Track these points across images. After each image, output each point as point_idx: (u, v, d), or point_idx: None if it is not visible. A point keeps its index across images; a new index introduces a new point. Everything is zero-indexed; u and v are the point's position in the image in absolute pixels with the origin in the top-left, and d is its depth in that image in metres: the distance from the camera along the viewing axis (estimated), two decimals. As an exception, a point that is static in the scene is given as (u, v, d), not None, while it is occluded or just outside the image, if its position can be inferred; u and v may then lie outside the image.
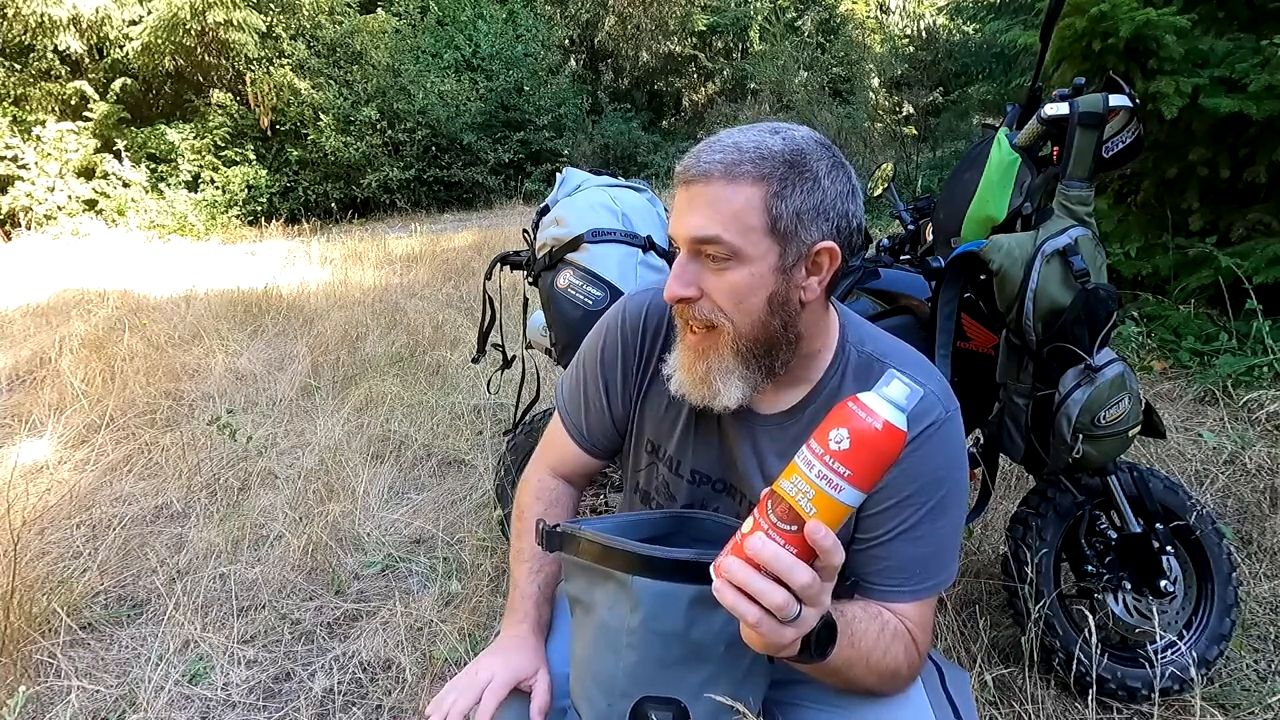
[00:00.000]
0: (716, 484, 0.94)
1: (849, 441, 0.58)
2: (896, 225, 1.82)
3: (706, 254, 0.78)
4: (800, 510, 0.60)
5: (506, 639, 0.92)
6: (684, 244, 0.79)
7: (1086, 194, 1.29)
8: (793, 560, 0.60)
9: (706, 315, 0.80)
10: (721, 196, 0.76)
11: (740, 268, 0.78)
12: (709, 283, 0.79)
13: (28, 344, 3.96)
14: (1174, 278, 3.20)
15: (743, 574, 0.61)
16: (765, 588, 0.60)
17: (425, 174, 12.07)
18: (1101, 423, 1.29)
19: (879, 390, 0.61)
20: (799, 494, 0.60)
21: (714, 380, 0.82)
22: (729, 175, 0.76)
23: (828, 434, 0.60)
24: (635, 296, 0.98)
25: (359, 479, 2.43)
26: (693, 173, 0.78)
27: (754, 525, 0.62)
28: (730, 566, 0.61)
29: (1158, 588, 1.42)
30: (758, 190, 0.76)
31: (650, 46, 16.26)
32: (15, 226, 9.44)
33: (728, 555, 0.63)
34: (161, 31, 9.85)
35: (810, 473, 0.59)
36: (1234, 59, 2.85)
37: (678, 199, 0.80)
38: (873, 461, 0.59)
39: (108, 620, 1.85)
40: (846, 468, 0.58)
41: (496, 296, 1.91)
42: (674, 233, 0.80)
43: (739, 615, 0.62)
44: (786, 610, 0.60)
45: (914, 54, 12.22)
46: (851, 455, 0.58)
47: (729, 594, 0.62)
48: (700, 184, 0.77)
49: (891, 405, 0.60)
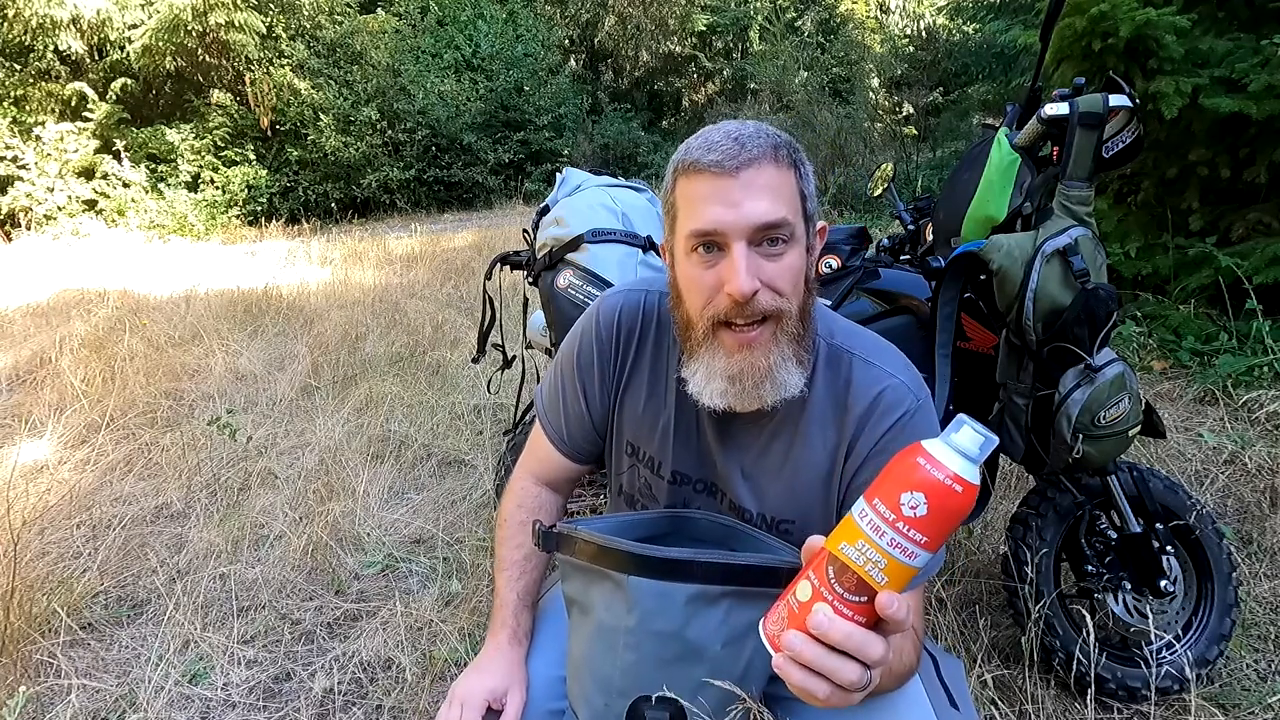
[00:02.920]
0: (697, 484, 0.94)
1: (926, 508, 0.52)
2: (896, 225, 1.82)
3: (769, 239, 0.77)
4: (872, 581, 0.54)
5: (483, 655, 0.93)
6: (743, 233, 0.76)
7: (1086, 194, 1.29)
8: (865, 636, 0.55)
9: (766, 305, 0.77)
10: (776, 179, 0.77)
11: (794, 249, 0.79)
12: (766, 270, 0.77)
13: (28, 344, 3.96)
14: (1174, 278, 3.20)
15: (811, 652, 0.56)
16: (838, 666, 0.56)
17: (425, 174, 12.08)
18: (1101, 423, 1.29)
19: (949, 440, 0.53)
20: (869, 564, 0.54)
21: (777, 373, 0.80)
22: (775, 159, 0.77)
23: (899, 496, 0.53)
24: (608, 298, 0.97)
25: (359, 479, 2.43)
26: (738, 160, 0.76)
27: (814, 594, 0.56)
28: (794, 644, 0.56)
29: (1158, 588, 1.42)
30: (793, 173, 0.79)
31: (650, 46, 16.27)
32: (15, 227, 9.44)
33: (787, 629, 0.57)
34: (163, 33, 9.86)
35: (882, 541, 0.53)
36: (1234, 59, 2.85)
37: (712, 190, 0.76)
38: (949, 525, 0.53)
39: (108, 620, 1.85)
40: (923, 534, 0.53)
41: (496, 296, 1.91)
42: (726, 223, 0.75)
43: (807, 693, 0.57)
44: (860, 683, 0.56)
45: (914, 54, 12.21)
46: (929, 521, 0.52)
47: (795, 673, 0.57)
48: (751, 170, 0.76)
49: (964, 458, 0.53)
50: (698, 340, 0.82)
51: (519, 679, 0.90)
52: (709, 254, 0.78)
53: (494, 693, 0.88)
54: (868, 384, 0.85)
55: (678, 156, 0.82)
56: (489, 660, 0.92)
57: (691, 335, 0.83)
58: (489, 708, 0.87)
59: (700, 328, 0.81)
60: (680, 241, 0.81)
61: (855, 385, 0.86)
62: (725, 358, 0.80)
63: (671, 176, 0.83)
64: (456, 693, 0.88)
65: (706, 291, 0.79)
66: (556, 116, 13.36)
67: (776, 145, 0.78)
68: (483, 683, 0.89)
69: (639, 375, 0.94)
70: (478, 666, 0.91)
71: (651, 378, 0.94)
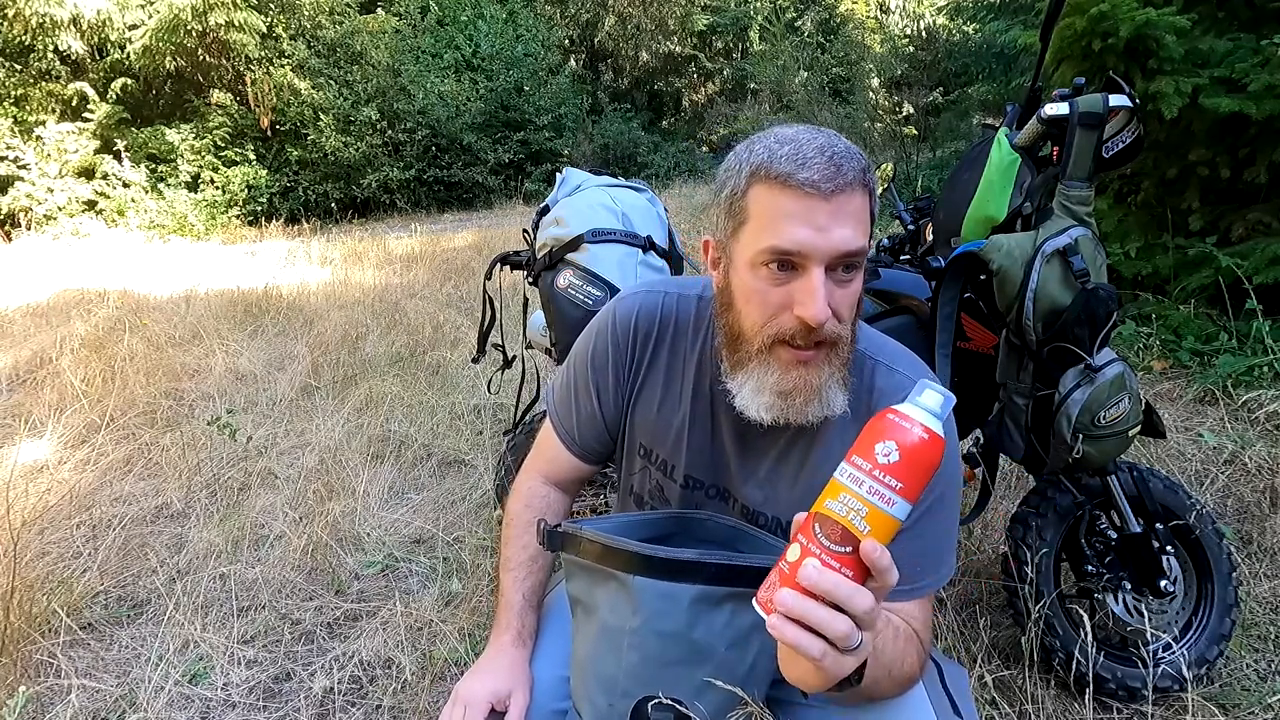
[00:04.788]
0: (710, 489, 0.94)
1: (898, 453, 0.57)
2: (896, 225, 1.82)
3: (845, 265, 0.75)
4: (854, 529, 0.57)
5: (487, 656, 0.93)
6: (824, 258, 0.73)
7: (1086, 194, 1.29)
8: (853, 586, 0.57)
9: (829, 332, 0.76)
10: (860, 207, 0.75)
11: (860, 275, 0.78)
12: (835, 296, 0.75)
13: (28, 344, 3.96)
14: (1174, 278, 3.20)
15: (801, 606, 0.57)
16: (827, 617, 0.57)
17: (425, 174, 12.08)
18: (1101, 423, 1.29)
19: (915, 400, 0.60)
20: (850, 512, 0.57)
21: (825, 393, 0.79)
22: (863, 185, 0.75)
23: (873, 447, 0.58)
24: (625, 299, 0.96)
25: (359, 479, 2.43)
26: (835, 184, 0.73)
27: (802, 551, 0.59)
28: (785, 600, 0.58)
29: (1158, 588, 1.42)
30: (869, 199, 0.77)
31: (650, 46, 16.27)
32: (15, 227, 9.45)
33: (778, 589, 0.59)
34: (163, 32, 9.86)
35: (860, 489, 0.57)
36: (1234, 59, 2.85)
37: (801, 209, 0.73)
38: (922, 470, 0.58)
39: (108, 620, 1.85)
40: (898, 479, 0.57)
41: (496, 296, 1.91)
42: (811, 246, 0.73)
43: (802, 650, 0.58)
44: (850, 639, 0.57)
45: (914, 54, 12.20)
46: (902, 466, 0.57)
47: (789, 630, 0.58)
48: (844, 196, 0.73)
49: (929, 413, 0.59)
50: (750, 354, 0.79)
51: (523, 680, 0.90)
52: (782, 272, 0.75)
53: (497, 694, 0.88)
54: (891, 390, 0.85)
55: (759, 160, 0.76)
56: (493, 661, 0.91)
57: (743, 347, 0.80)
58: (492, 709, 0.87)
59: (757, 342, 0.78)
60: (748, 252, 0.77)
61: (878, 391, 0.86)
62: (780, 373, 0.78)
63: (746, 179, 0.77)
64: (460, 693, 0.88)
65: (772, 309, 0.77)
66: (556, 116, 13.36)
67: (865, 169, 0.76)
68: (486, 684, 0.88)
69: (654, 377, 0.94)
70: (481, 667, 0.91)
71: (667, 380, 0.94)
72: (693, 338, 0.92)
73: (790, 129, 0.78)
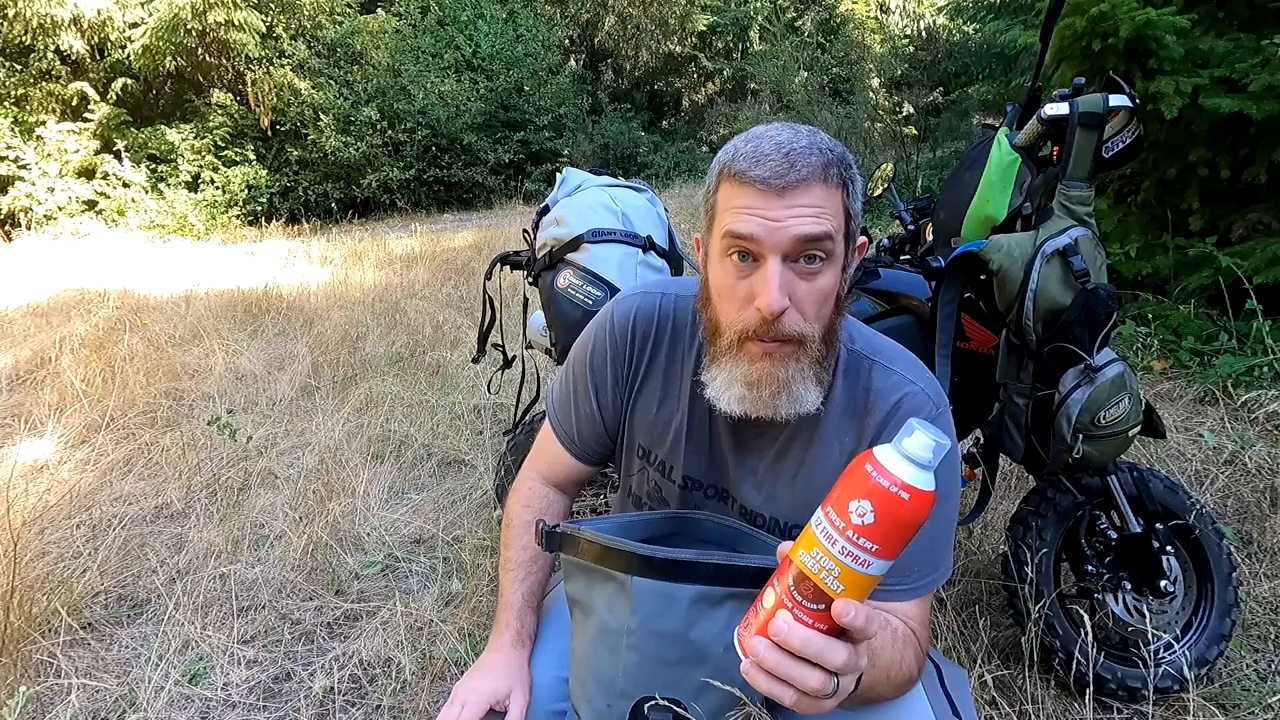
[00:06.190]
0: (709, 490, 0.94)
1: (873, 515, 0.52)
2: (896, 225, 1.82)
3: (807, 255, 0.76)
4: (827, 589, 0.54)
5: (486, 656, 0.93)
6: (779, 248, 0.74)
7: (1086, 194, 1.29)
8: (825, 643, 0.55)
9: (790, 329, 0.76)
10: (823, 198, 0.75)
11: (829, 270, 0.77)
12: (799, 290, 0.76)
13: (28, 344, 3.96)
14: (1174, 278, 3.19)
15: (773, 659, 0.56)
16: (798, 673, 0.56)
17: (425, 174, 12.06)
18: (1101, 423, 1.29)
19: (899, 446, 0.53)
20: (823, 571, 0.54)
21: (794, 387, 0.79)
22: (825, 179, 0.75)
23: (848, 504, 0.53)
24: (623, 300, 0.96)
25: (359, 479, 2.43)
26: (786, 180, 0.74)
27: (776, 602, 0.57)
28: (758, 650, 0.56)
29: (1158, 588, 1.42)
30: (842, 192, 0.77)
31: (650, 46, 16.26)
32: (15, 227, 9.44)
33: (754, 635, 0.57)
34: (163, 32, 9.85)
35: (833, 549, 0.54)
36: (1234, 59, 2.85)
37: (754, 203, 0.75)
38: (900, 533, 0.53)
39: (108, 620, 1.85)
40: (872, 542, 0.53)
41: (496, 296, 1.91)
42: (767, 235, 0.74)
43: (775, 699, 0.57)
44: (824, 689, 0.56)
45: (914, 54, 12.20)
46: (877, 529, 0.52)
47: (761, 679, 0.57)
48: (797, 191, 0.74)
49: (915, 466, 0.52)
50: (723, 348, 0.81)
51: (522, 681, 0.90)
52: (744, 263, 0.77)
53: (496, 695, 0.88)
54: (888, 390, 0.85)
55: (724, 157, 0.79)
56: (492, 662, 0.91)
57: (718, 341, 0.82)
58: (491, 709, 0.87)
59: (728, 336, 0.80)
60: (716, 242, 0.80)
61: (875, 391, 0.86)
62: (748, 364, 0.79)
63: (715, 177, 0.80)
64: (459, 694, 0.88)
65: (739, 302, 0.78)
66: (556, 116, 13.35)
67: (827, 165, 0.76)
68: (485, 684, 0.88)
69: (653, 378, 0.94)
70: (481, 668, 0.91)
71: (665, 381, 0.94)
72: (690, 338, 0.92)
73: (761, 127, 0.80)
